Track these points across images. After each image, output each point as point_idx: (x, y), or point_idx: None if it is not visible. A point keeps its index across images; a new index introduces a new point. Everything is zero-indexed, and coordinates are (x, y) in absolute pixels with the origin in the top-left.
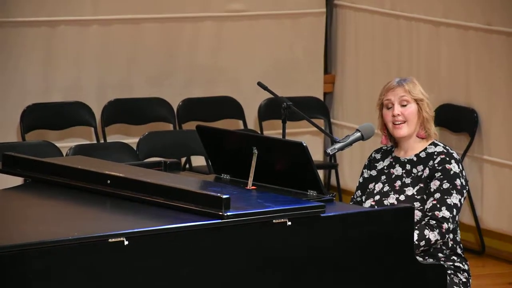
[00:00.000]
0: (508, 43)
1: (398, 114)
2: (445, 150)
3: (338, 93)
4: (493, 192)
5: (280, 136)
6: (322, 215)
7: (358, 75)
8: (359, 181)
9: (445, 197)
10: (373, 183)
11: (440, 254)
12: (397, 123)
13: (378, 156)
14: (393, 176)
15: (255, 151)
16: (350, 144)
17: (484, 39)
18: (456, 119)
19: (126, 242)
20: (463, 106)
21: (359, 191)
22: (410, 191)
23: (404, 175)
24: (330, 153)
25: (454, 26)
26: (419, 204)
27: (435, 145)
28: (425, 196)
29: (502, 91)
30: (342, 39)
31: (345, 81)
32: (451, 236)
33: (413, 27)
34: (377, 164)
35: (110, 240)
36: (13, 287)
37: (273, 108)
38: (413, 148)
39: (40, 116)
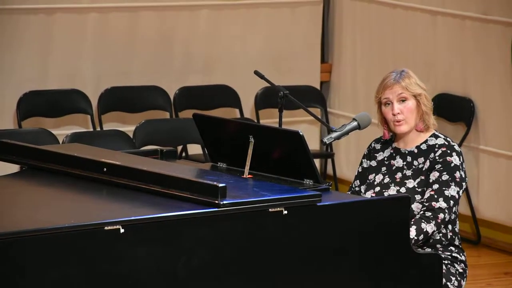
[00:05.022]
0: (504, 32)
1: (398, 113)
2: (446, 143)
3: (334, 82)
4: (489, 182)
5: (277, 125)
6: (318, 204)
7: (355, 64)
8: (358, 170)
9: (443, 188)
10: (373, 174)
11: (438, 245)
12: (397, 121)
13: (378, 146)
14: (394, 167)
15: (252, 139)
16: (347, 133)
17: (480, 29)
18: (453, 109)
19: (122, 230)
20: (460, 96)
21: (357, 180)
22: (411, 183)
23: (405, 167)
24: (327, 142)
25: (450, 15)
26: (420, 197)
27: (436, 137)
28: (425, 189)
29: (498, 81)
30: (339, 28)
31: (342, 70)
32: (450, 227)
33: (409, 16)
34: (377, 155)
35: (106, 228)
36: (8, 274)
37: (270, 97)
38: (414, 140)
39: (37, 103)
